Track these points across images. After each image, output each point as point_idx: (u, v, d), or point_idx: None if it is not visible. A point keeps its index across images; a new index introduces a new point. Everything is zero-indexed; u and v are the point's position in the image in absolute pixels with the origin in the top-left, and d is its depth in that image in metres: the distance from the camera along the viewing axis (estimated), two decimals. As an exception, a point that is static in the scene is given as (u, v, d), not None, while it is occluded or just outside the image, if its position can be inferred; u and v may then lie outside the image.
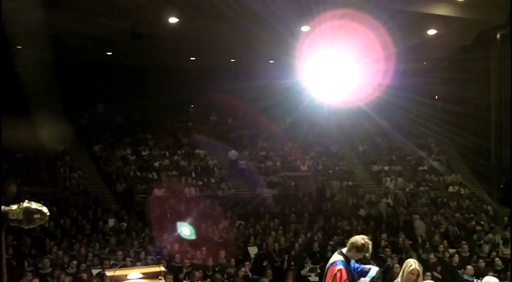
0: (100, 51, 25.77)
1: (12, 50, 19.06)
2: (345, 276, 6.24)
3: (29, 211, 2.78)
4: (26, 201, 2.83)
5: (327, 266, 6.49)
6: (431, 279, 11.39)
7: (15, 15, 13.89)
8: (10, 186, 19.51)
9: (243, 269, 13.86)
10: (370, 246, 6.41)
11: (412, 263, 6.45)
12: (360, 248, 6.33)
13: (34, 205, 2.81)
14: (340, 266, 6.25)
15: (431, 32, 23.02)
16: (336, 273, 6.22)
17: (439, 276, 13.21)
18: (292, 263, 14.88)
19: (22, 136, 18.79)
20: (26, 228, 2.87)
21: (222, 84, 26.08)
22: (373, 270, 6.66)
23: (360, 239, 6.42)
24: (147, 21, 19.84)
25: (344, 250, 6.48)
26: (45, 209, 2.84)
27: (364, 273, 6.60)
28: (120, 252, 14.47)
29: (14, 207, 2.79)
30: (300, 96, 22.47)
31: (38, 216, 2.80)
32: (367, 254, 6.60)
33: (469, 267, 13.74)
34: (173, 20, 20.87)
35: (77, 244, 15.59)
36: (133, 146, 25.92)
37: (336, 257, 6.43)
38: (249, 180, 25.29)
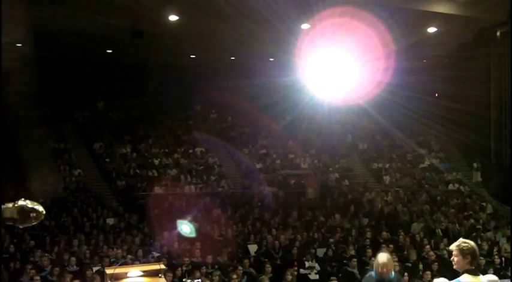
0: (100, 49, 25.78)
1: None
2: None
3: (24, 210, 2.73)
4: (22, 199, 2.79)
5: None
6: (431, 277, 11.40)
7: (14, 13, 13.89)
8: None
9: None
10: (474, 251, 5.51)
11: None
12: (464, 253, 5.52)
13: (30, 204, 2.76)
14: None
15: (432, 29, 22.99)
16: None
17: (438, 274, 13.21)
18: (295, 263, 14.89)
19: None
20: (21, 227, 2.84)
21: (222, 82, 26.12)
22: None
23: (455, 243, 5.68)
24: (147, 19, 19.83)
25: None
26: (40, 208, 2.80)
27: None
28: (120, 250, 14.49)
29: (10, 205, 2.74)
30: (300, 94, 22.45)
31: (34, 215, 2.76)
32: (474, 263, 5.57)
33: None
34: (173, 18, 20.86)
35: (76, 242, 15.61)
36: (133, 144, 25.96)
37: None
38: (249, 178, 25.32)
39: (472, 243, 5.44)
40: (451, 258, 5.59)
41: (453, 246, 5.51)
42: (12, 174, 17.81)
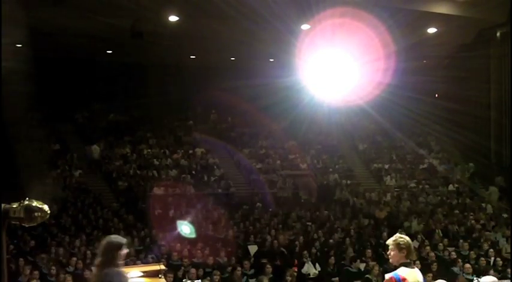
0: (100, 49, 25.77)
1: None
2: None
3: (30, 209, 2.79)
4: (27, 199, 2.83)
5: None
6: (432, 279, 11.41)
7: (15, 13, 13.89)
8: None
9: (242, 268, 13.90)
10: (410, 245, 5.68)
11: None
12: (400, 247, 5.62)
13: (35, 203, 2.81)
14: (390, 275, 5.63)
15: (432, 30, 23.00)
16: None
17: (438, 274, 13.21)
18: (295, 262, 14.90)
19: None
20: (26, 226, 2.88)
21: (222, 83, 26.09)
22: None
23: (392, 238, 5.79)
24: (147, 20, 19.83)
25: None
26: (46, 207, 2.84)
27: None
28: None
29: (15, 205, 2.79)
30: (300, 95, 22.46)
31: (39, 214, 2.81)
32: (409, 256, 5.71)
33: (468, 265, 13.75)
34: (173, 18, 20.87)
35: (77, 242, 15.61)
36: (133, 145, 25.94)
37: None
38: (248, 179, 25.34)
39: (407, 238, 5.68)
40: (388, 253, 5.77)
41: (390, 241, 5.70)
42: (11, 180, 17.84)
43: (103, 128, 26.99)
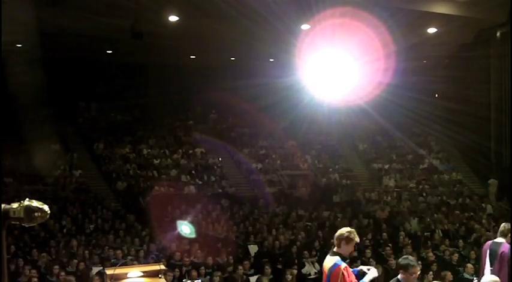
0: (100, 49, 25.78)
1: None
2: (351, 272, 6.21)
3: (30, 209, 2.79)
4: (27, 199, 2.83)
5: (327, 271, 6.32)
6: (432, 279, 11.41)
7: (15, 14, 13.89)
8: None
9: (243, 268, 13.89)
10: (356, 235, 6.45)
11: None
12: (347, 239, 6.32)
13: (35, 203, 2.81)
14: (344, 264, 6.19)
15: (432, 30, 23.00)
16: (342, 273, 6.11)
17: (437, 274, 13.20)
18: (295, 264, 14.89)
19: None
20: (26, 226, 2.88)
21: (222, 83, 26.10)
22: (373, 271, 6.48)
23: (343, 231, 6.47)
24: (147, 20, 19.83)
25: (335, 249, 6.45)
26: (46, 207, 2.84)
27: (361, 275, 6.45)
28: (120, 251, 14.49)
29: (15, 205, 2.79)
30: (300, 95, 22.45)
31: (39, 214, 2.81)
32: (356, 243, 6.56)
33: (469, 265, 13.73)
34: (173, 18, 20.86)
35: (76, 242, 15.61)
36: (133, 145, 25.94)
37: (333, 259, 6.32)
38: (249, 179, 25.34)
39: None
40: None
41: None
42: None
43: (103, 128, 26.99)
